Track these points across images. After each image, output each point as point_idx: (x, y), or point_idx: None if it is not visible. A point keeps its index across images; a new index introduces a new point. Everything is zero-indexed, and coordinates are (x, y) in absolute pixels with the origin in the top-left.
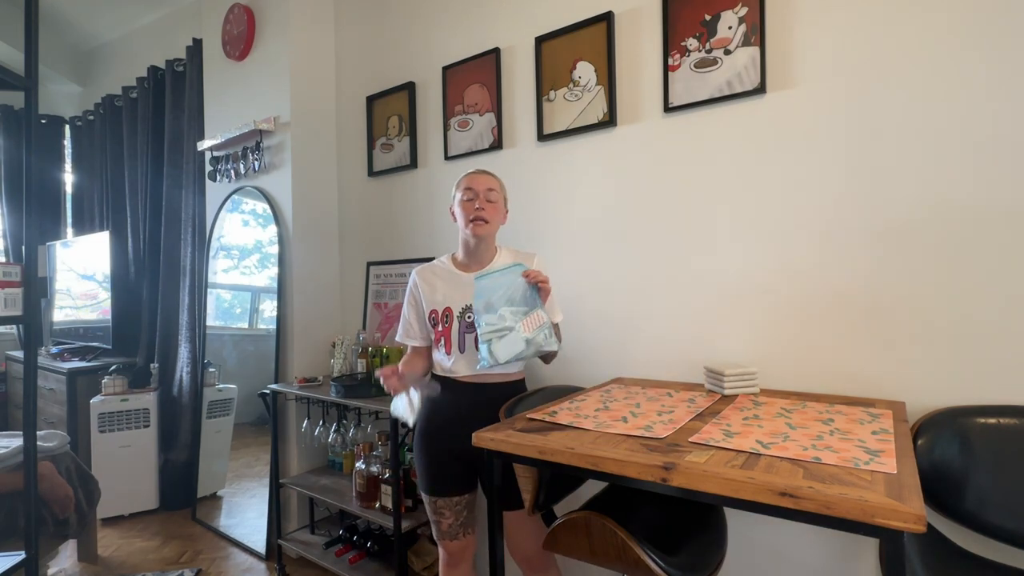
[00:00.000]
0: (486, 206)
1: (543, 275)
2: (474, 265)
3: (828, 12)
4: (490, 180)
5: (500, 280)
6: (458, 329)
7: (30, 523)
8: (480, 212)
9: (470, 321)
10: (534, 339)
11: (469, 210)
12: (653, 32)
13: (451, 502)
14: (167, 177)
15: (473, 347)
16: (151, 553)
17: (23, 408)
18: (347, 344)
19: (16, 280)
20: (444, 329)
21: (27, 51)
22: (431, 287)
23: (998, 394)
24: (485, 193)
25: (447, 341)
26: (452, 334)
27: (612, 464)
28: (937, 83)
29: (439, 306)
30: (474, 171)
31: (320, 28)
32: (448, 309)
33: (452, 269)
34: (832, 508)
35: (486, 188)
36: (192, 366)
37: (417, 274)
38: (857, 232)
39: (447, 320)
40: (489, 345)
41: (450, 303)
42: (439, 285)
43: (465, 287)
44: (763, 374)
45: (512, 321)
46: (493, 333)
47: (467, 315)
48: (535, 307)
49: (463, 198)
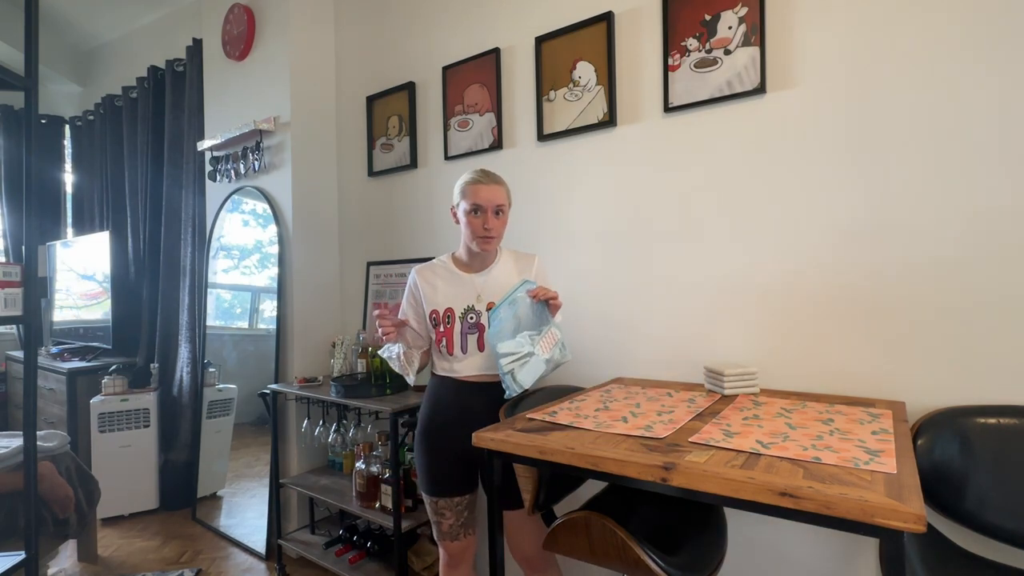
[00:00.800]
0: (494, 224)
1: (551, 291)
2: (476, 266)
3: (828, 12)
4: (499, 194)
5: (511, 309)
6: (460, 330)
7: (30, 523)
8: (488, 232)
9: (472, 321)
10: (552, 358)
11: (477, 227)
12: (653, 32)
13: (452, 502)
14: (167, 177)
15: (476, 347)
16: (151, 553)
17: (23, 408)
18: (347, 344)
19: (16, 280)
20: (446, 330)
21: (27, 51)
22: (432, 287)
23: (998, 394)
24: (494, 209)
25: (449, 342)
26: (454, 334)
27: (612, 464)
28: (937, 83)
29: (440, 306)
30: (482, 178)
31: (320, 28)
32: (449, 310)
33: (453, 269)
34: (832, 508)
35: (495, 205)
36: (192, 366)
37: (417, 273)
38: (857, 232)
39: (449, 320)
40: (512, 375)
41: (451, 303)
42: (440, 285)
43: (466, 287)
44: (763, 374)
45: (530, 346)
46: (515, 363)
47: (469, 315)
48: (547, 323)
49: (470, 211)
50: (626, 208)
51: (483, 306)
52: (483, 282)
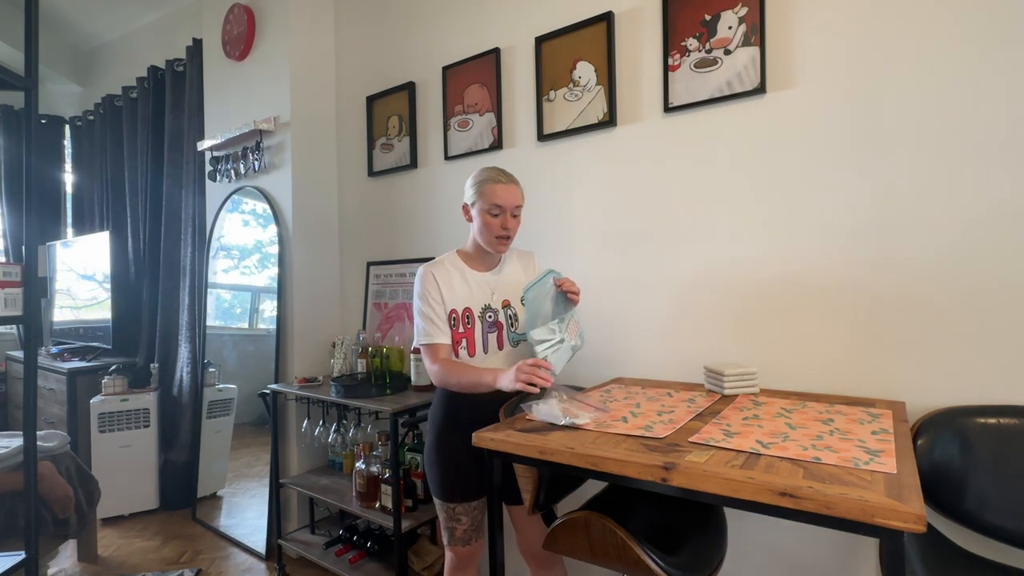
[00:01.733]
0: (512, 224)
1: (575, 285)
2: (487, 264)
3: (828, 12)
4: (517, 195)
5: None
6: (481, 330)
7: (30, 523)
8: (507, 232)
9: (491, 320)
10: (575, 344)
11: (495, 228)
12: (653, 32)
13: (469, 507)
14: (167, 177)
15: (496, 347)
16: (151, 553)
17: (23, 408)
18: (347, 344)
19: (16, 280)
20: (467, 331)
21: (27, 51)
22: (449, 286)
23: (998, 394)
24: (512, 210)
25: (470, 343)
26: (476, 335)
27: (612, 464)
28: (938, 82)
29: (458, 306)
30: (501, 178)
31: (320, 28)
32: (468, 310)
33: (465, 268)
34: (832, 508)
35: (514, 205)
36: (192, 366)
37: (433, 271)
38: (857, 232)
39: (469, 321)
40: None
41: (469, 303)
42: (456, 284)
43: (482, 286)
44: (763, 374)
45: (560, 332)
46: (549, 349)
47: (488, 315)
48: (570, 311)
49: (489, 211)
50: (626, 208)
51: (499, 304)
52: (496, 281)
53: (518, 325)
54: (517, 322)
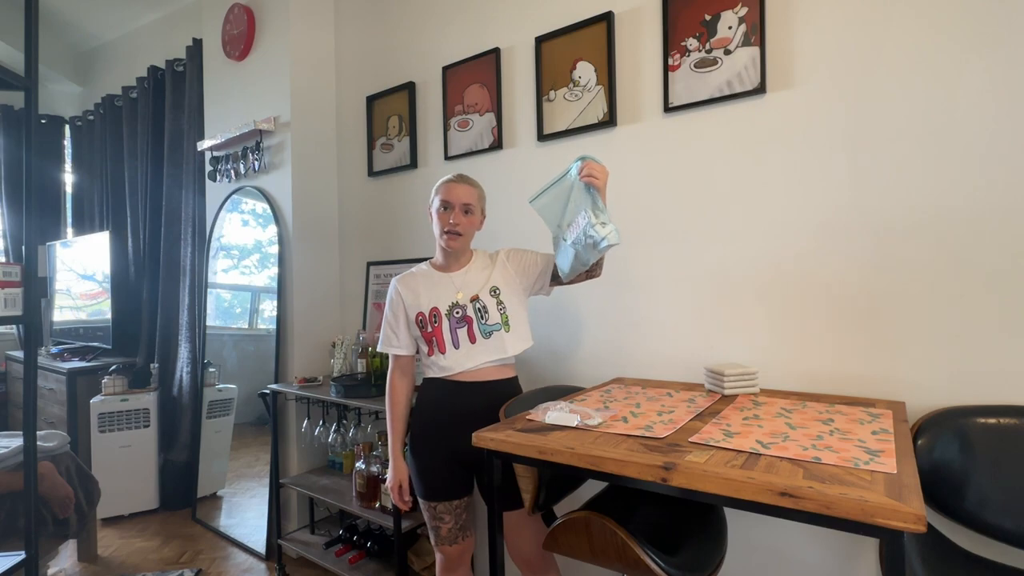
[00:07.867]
0: (461, 220)
1: (596, 169)
2: (452, 267)
3: (828, 12)
4: (468, 193)
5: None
6: (449, 326)
7: (30, 523)
8: (455, 227)
9: (459, 316)
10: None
11: (444, 222)
12: (653, 32)
13: (451, 506)
14: (167, 177)
15: (468, 340)
16: (151, 553)
17: (23, 408)
18: (347, 344)
19: (16, 280)
20: (435, 329)
21: (27, 51)
22: (414, 293)
23: (998, 394)
24: (461, 207)
25: (439, 340)
26: (444, 332)
27: (612, 464)
28: (937, 83)
29: (425, 308)
30: (454, 179)
31: (320, 28)
32: (435, 309)
33: (431, 271)
34: (832, 508)
35: (463, 203)
36: (192, 366)
37: (398, 282)
38: (857, 232)
39: (436, 320)
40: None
41: (435, 303)
42: (421, 289)
43: (446, 286)
44: (763, 374)
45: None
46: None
47: (455, 311)
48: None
49: (440, 208)
50: (626, 208)
51: (466, 300)
52: (462, 280)
53: (488, 316)
54: (487, 314)
